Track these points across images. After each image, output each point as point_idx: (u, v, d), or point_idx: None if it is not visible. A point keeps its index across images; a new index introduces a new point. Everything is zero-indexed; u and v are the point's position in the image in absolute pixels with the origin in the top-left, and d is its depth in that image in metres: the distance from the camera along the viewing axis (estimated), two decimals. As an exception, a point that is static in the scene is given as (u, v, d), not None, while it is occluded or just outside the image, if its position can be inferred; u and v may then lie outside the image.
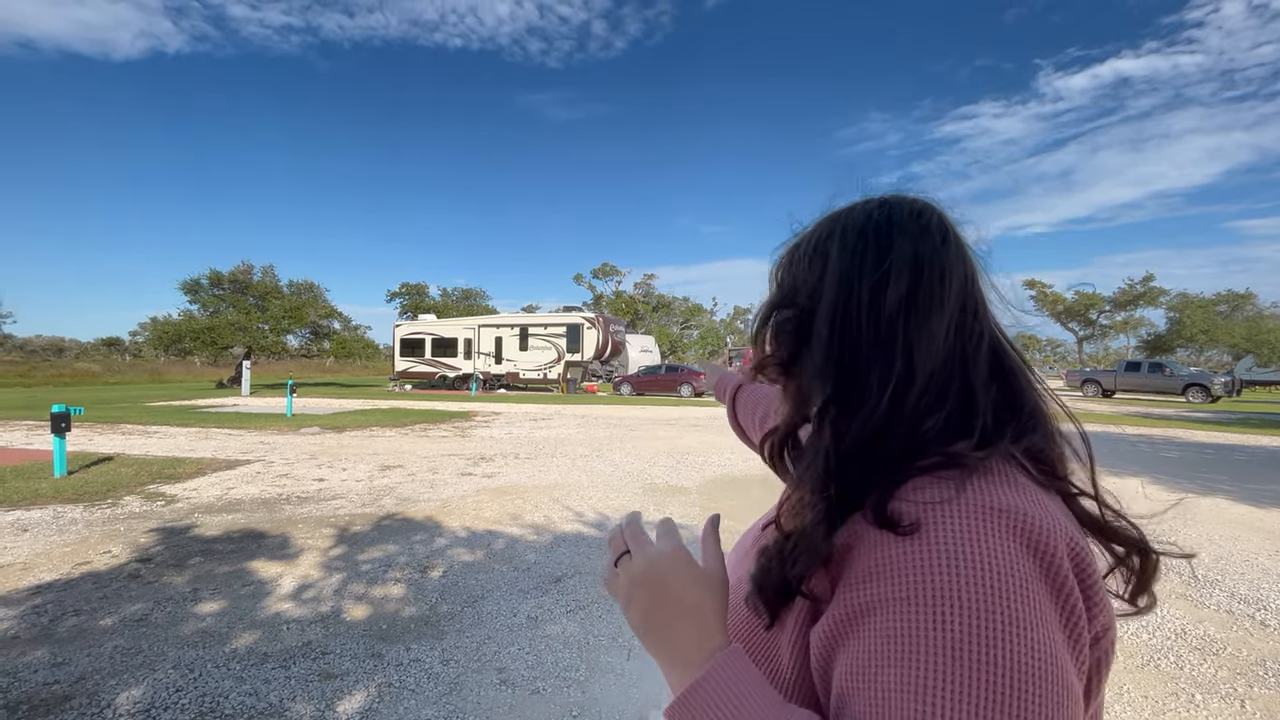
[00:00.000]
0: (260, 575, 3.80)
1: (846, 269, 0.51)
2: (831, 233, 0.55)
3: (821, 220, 0.58)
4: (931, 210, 0.54)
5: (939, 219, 0.54)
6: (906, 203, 0.55)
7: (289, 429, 11.41)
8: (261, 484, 6.51)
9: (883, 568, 0.41)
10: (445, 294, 48.69)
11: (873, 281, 0.50)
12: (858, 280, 0.51)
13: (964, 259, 0.53)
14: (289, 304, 29.57)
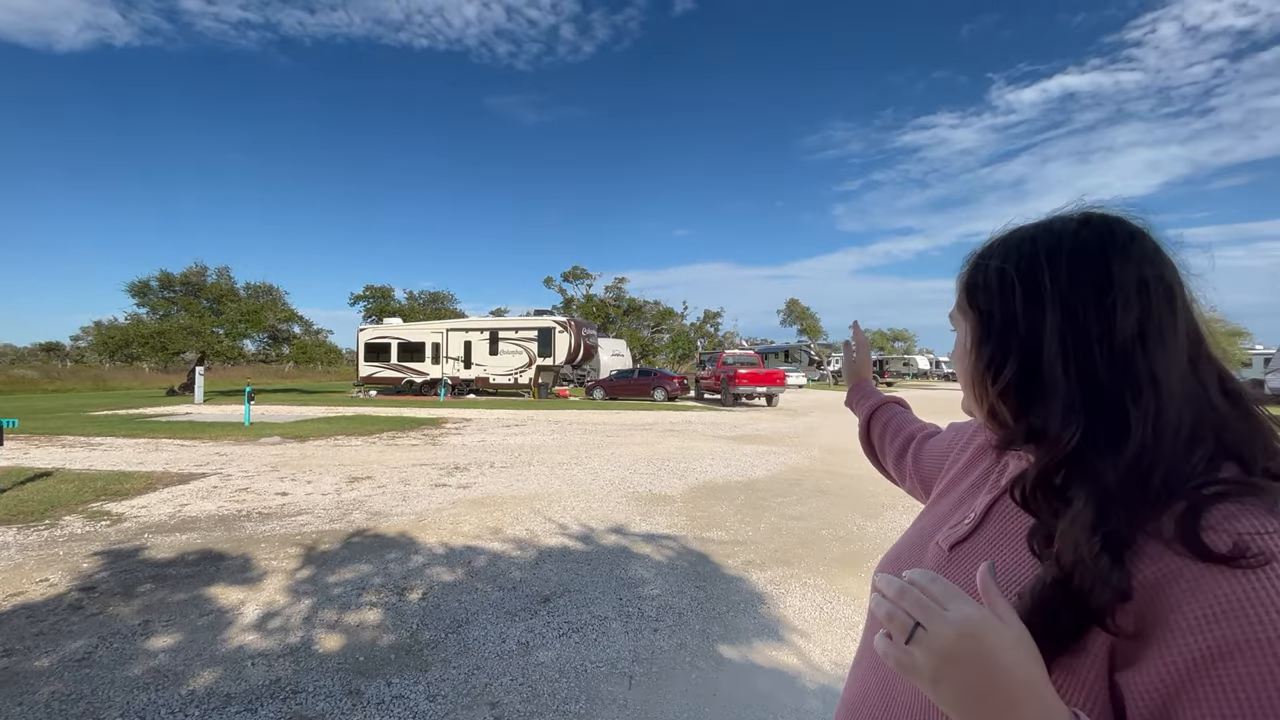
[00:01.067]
0: (220, 603, 3.49)
1: (1069, 301, 0.50)
2: (1035, 257, 0.53)
3: (1016, 240, 0.56)
4: (1143, 232, 0.52)
5: (1153, 241, 0.52)
6: (1113, 222, 0.53)
7: (247, 439, 10.83)
8: (219, 499, 6.10)
9: (1232, 607, 0.39)
10: (412, 297, 47.53)
11: (1099, 312, 0.49)
12: (1083, 313, 0.49)
13: (1180, 280, 0.51)
14: (246, 307, 28.33)
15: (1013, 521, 0.60)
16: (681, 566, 4.18)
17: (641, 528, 5.14)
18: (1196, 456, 0.46)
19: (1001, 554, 0.58)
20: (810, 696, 2.58)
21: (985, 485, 0.69)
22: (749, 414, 17.28)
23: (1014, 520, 0.59)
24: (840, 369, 1.34)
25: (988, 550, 0.60)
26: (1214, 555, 0.41)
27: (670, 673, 2.77)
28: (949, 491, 0.78)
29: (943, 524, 0.70)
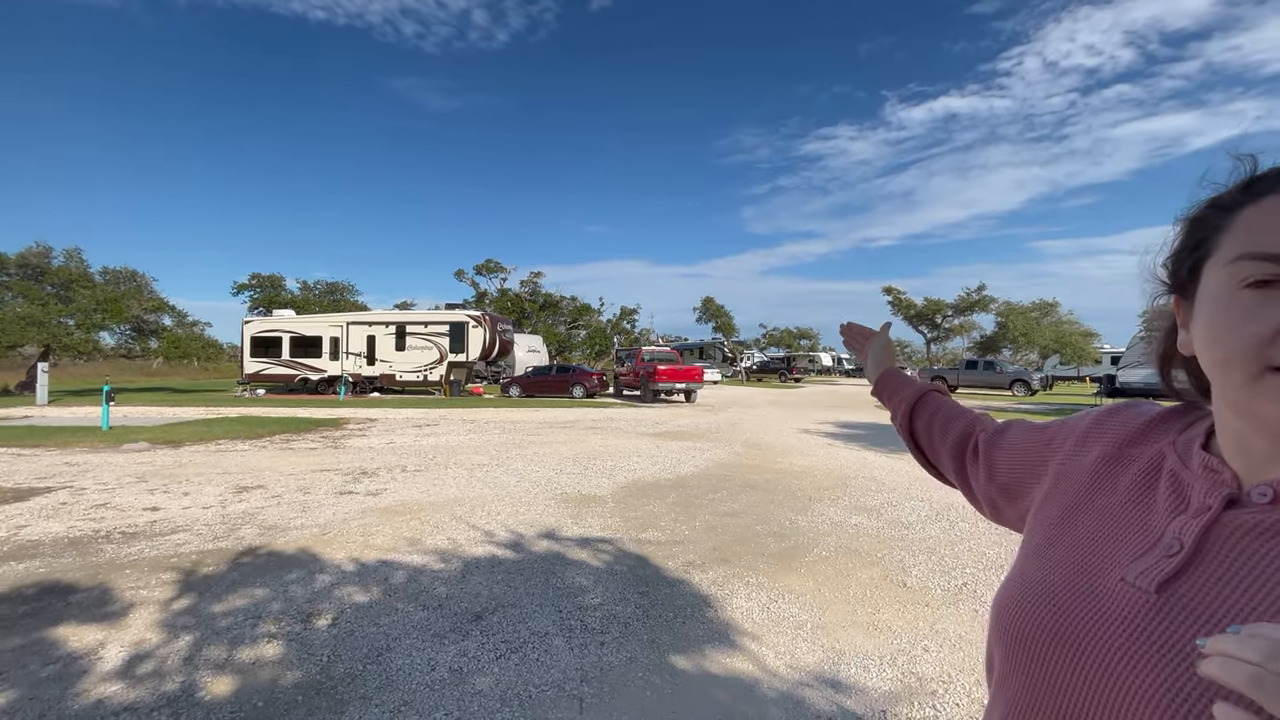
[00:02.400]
0: (70, 646, 2.88)
1: None
2: None
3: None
4: None
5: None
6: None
7: (106, 445, 9.39)
8: (69, 518, 5.16)
9: None
10: (306, 288, 43.90)
11: None
12: None
13: None
14: (102, 295, 24.76)
15: (1250, 550, 0.47)
16: (621, 571, 3.99)
17: (574, 531, 4.89)
18: None
19: (1247, 596, 0.45)
20: (771, 705, 2.48)
21: (1158, 504, 0.56)
22: (669, 410, 17.40)
23: (1252, 548, 0.47)
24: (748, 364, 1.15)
25: (1223, 592, 0.46)
26: None
27: (623, 691, 2.57)
28: (1083, 508, 0.62)
29: (1109, 551, 0.55)
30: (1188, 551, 0.50)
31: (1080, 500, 0.63)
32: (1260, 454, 0.50)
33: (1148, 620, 0.48)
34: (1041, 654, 0.53)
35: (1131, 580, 0.51)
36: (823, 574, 4.02)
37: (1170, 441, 0.60)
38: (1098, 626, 0.50)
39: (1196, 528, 0.50)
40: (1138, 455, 0.61)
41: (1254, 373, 0.46)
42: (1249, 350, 0.46)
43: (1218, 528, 0.50)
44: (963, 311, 46.52)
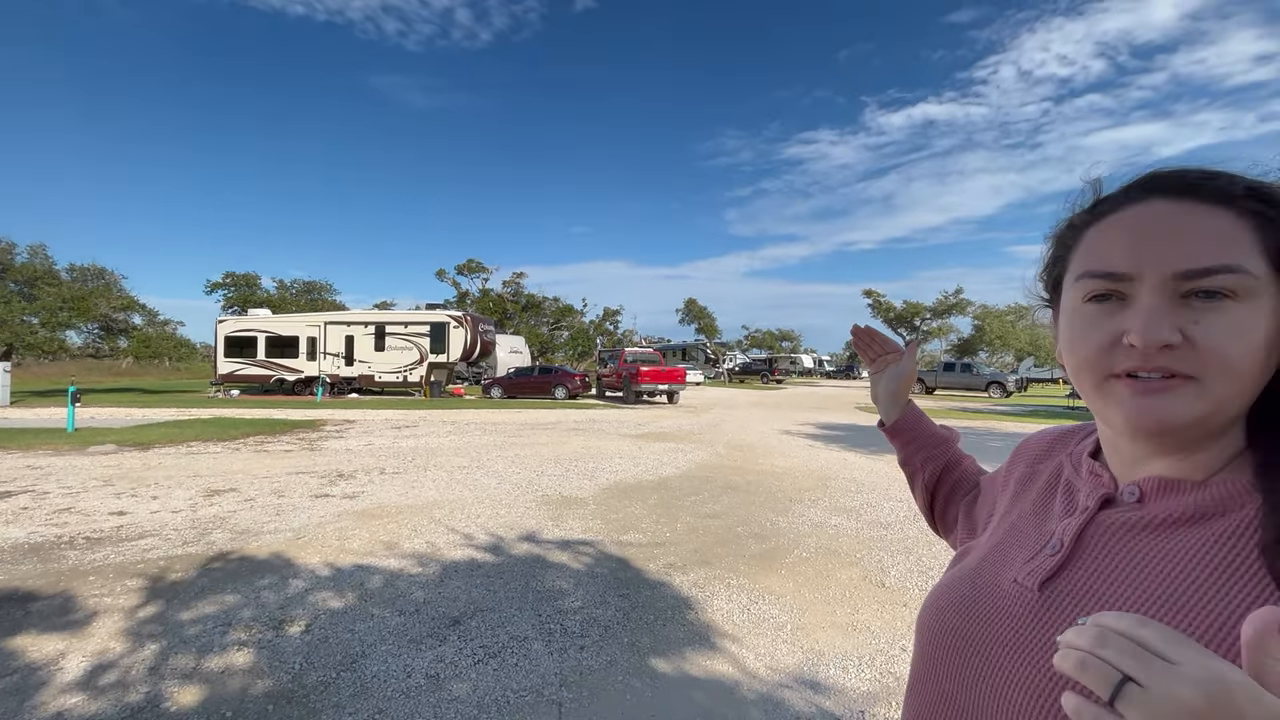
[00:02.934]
0: (29, 657, 2.77)
1: None
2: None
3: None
4: None
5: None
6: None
7: (71, 448, 9.10)
8: (29, 524, 4.98)
9: None
10: (283, 286, 43.18)
11: None
12: None
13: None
14: (69, 292, 24.05)
15: (1118, 547, 0.50)
16: (601, 574, 3.97)
17: (555, 534, 4.86)
18: None
19: (1113, 589, 0.48)
20: (751, 707, 2.48)
21: (1054, 511, 0.60)
22: (652, 411, 17.40)
23: (1119, 545, 0.50)
24: (731, 365, 1.04)
25: (1095, 585, 0.50)
26: None
27: (602, 695, 2.55)
28: (999, 522, 0.66)
29: (1008, 557, 0.59)
30: (1066, 550, 0.53)
31: (998, 516, 0.68)
32: (1129, 456, 0.53)
33: (1030, 616, 0.51)
34: (948, 657, 0.56)
35: (1020, 580, 0.55)
36: (803, 575, 4.04)
37: (1069, 453, 0.64)
38: (991, 626, 0.53)
39: (1074, 528, 0.54)
40: (1044, 469, 0.66)
41: (1098, 380, 0.49)
42: (1093, 359, 0.49)
43: (1093, 527, 0.53)
44: (941, 314, 47.42)
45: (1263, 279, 0.44)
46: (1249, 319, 0.44)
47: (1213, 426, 0.47)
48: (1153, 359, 0.45)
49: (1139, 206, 0.48)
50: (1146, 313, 0.45)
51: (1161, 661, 0.32)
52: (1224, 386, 0.45)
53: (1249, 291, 0.44)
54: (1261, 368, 0.45)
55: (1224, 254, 0.44)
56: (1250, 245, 0.45)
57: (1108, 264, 0.48)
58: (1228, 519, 0.45)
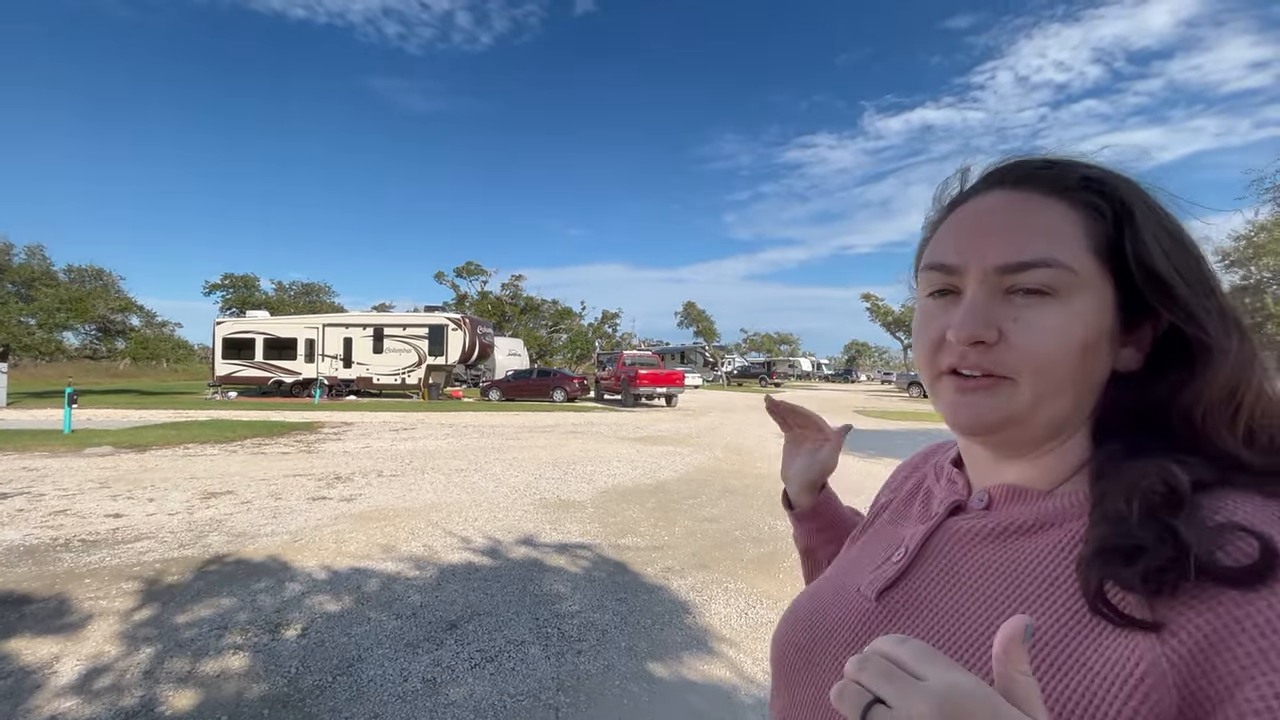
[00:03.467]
0: (23, 660, 2.76)
1: (1168, 223, 0.45)
2: (1153, 207, 0.45)
3: (1136, 188, 0.45)
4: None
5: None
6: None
7: (68, 449, 9.07)
8: (25, 526, 4.96)
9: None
10: (281, 288, 43.16)
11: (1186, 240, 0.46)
12: (1181, 238, 0.45)
13: None
14: (67, 293, 24.01)
15: (959, 553, 0.49)
16: (599, 578, 3.96)
17: (552, 537, 4.85)
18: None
19: (949, 598, 0.47)
20: (749, 711, 2.47)
21: (908, 517, 0.59)
22: (650, 415, 17.39)
23: (961, 551, 0.49)
24: (729, 369, 0.96)
25: (931, 594, 0.48)
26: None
27: (600, 699, 2.54)
28: (860, 536, 0.66)
29: (861, 566, 0.58)
30: (909, 557, 0.52)
31: (861, 531, 0.67)
32: (982, 461, 0.52)
33: (865, 627, 0.50)
34: (792, 672, 0.55)
35: (863, 590, 0.53)
36: (800, 579, 4.02)
37: (934, 463, 0.63)
38: (831, 639, 0.52)
39: (921, 534, 0.53)
40: (913, 480, 0.65)
41: (931, 377, 0.48)
42: (926, 355, 0.48)
43: (939, 534, 0.52)
44: (939, 318, 47.65)
45: (1084, 274, 0.42)
46: (1066, 316, 0.42)
47: (1037, 429, 0.45)
48: (968, 356, 0.44)
49: (981, 198, 0.47)
50: (963, 308, 0.44)
51: (909, 679, 0.31)
52: (1036, 387, 0.42)
53: (1068, 288, 0.42)
54: (1080, 368, 0.42)
55: (1044, 248, 0.42)
56: (1076, 239, 0.43)
57: (941, 256, 0.47)
58: (1064, 529, 0.43)
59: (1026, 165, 0.47)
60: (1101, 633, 0.37)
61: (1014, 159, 0.48)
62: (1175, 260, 0.43)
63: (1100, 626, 0.37)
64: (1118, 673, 0.35)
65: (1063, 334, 0.42)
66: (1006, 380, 0.43)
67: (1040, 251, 0.42)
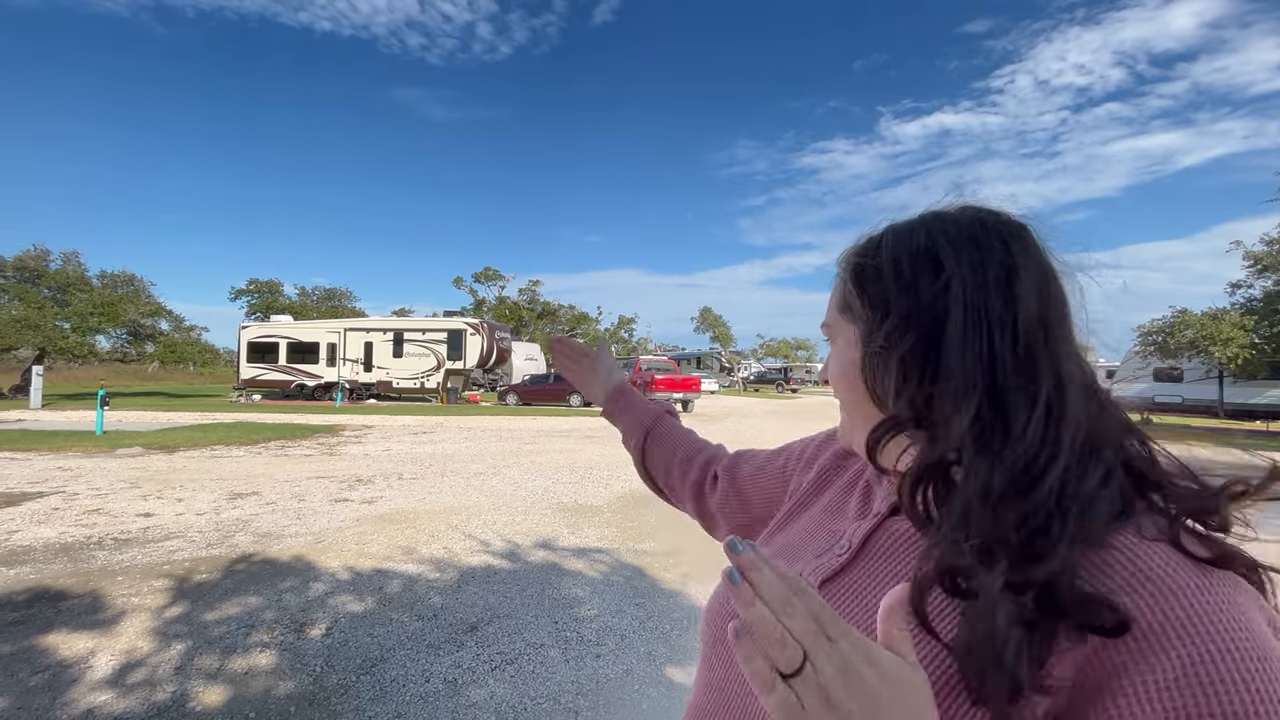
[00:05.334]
0: (60, 654, 2.85)
1: (973, 281, 0.46)
2: (933, 240, 0.49)
3: (904, 230, 0.52)
4: (1030, 227, 0.50)
5: (1039, 237, 0.50)
6: (1000, 213, 0.51)
7: (100, 450, 9.33)
8: (60, 524, 5.12)
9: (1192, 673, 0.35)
10: (304, 293, 43.90)
11: (1005, 296, 0.45)
12: (988, 295, 0.45)
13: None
14: (99, 298, 24.71)
15: (898, 554, 0.53)
16: (617, 582, 3.97)
17: (571, 541, 4.87)
18: (1095, 471, 0.41)
19: (884, 594, 0.48)
20: (768, 719, 2.46)
21: (849, 511, 0.62)
22: (665, 420, 17.37)
23: (899, 552, 0.53)
24: (745, 374, 1.07)
25: (872, 586, 0.52)
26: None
27: (619, 704, 2.55)
28: (796, 515, 0.68)
29: (801, 554, 0.60)
30: (852, 552, 0.55)
31: (795, 510, 0.69)
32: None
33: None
34: (724, 650, 0.56)
35: (806, 575, 0.56)
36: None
37: None
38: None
39: (864, 531, 0.56)
40: (848, 467, 0.68)
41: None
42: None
43: (879, 532, 0.55)
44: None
45: (835, 325, 0.57)
46: (836, 353, 0.57)
47: (874, 444, 0.50)
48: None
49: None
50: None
51: (850, 654, 0.32)
52: (847, 409, 0.57)
53: (832, 335, 0.58)
54: (854, 390, 0.54)
55: (829, 311, 0.58)
56: (835, 300, 0.57)
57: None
58: None
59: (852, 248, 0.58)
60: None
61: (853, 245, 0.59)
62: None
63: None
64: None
65: (835, 365, 0.59)
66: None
67: (827, 314, 0.61)
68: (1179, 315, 18.23)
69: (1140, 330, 19.71)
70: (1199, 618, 0.36)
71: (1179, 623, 0.36)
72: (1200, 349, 17.42)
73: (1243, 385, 18.35)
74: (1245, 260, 18.36)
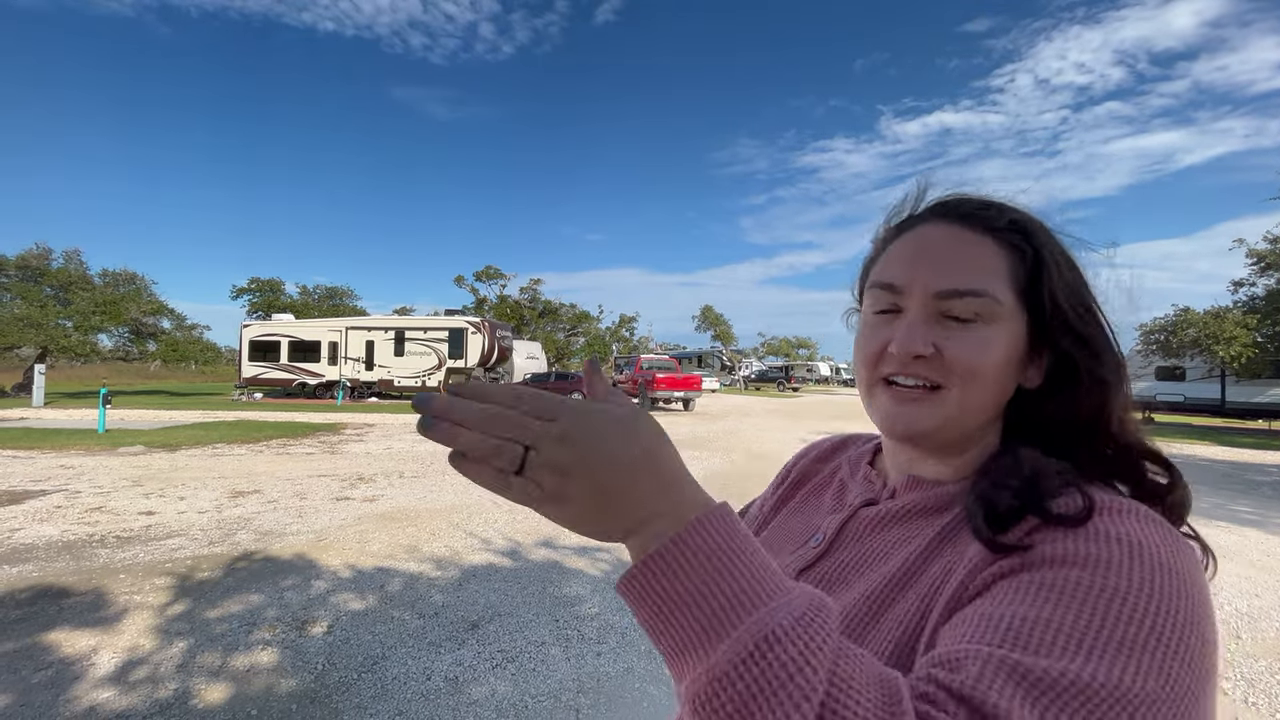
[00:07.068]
0: (63, 652, 2.86)
1: (1064, 259, 0.52)
2: (1058, 254, 0.52)
3: (1049, 235, 0.53)
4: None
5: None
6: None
7: (102, 448, 9.35)
8: (63, 522, 5.13)
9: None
10: (305, 292, 43.84)
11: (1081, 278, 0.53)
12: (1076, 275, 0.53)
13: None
14: (101, 297, 24.74)
15: (871, 536, 0.55)
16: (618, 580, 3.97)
17: (572, 540, 4.87)
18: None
19: (862, 580, 0.52)
20: (769, 717, 2.46)
21: (824, 507, 0.64)
22: (667, 418, 17.38)
23: (872, 535, 0.55)
24: (746, 373, 0.97)
25: (847, 569, 0.54)
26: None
27: (619, 701, 2.56)
28: (774, 518, 0.70)
29: (780, 551, 0.62)
30: (826, 542, 0.57)
31: (773, 512, 0.71)
32: (902, 462, 0.57)
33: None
34: None
35: (784, 569, 0.56)
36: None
37: (848, 456, 0.68)
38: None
39: (837, 522, 0.58)
40: (824, 469, 0.70)
41: (869, 384, 0.54)
42: (867, 364, 0.53)
43: (853, 522, 0.57)
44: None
45: (1006, 305, 0.49)
46: (990, 338, 0.49)
47: (957, 432, 0.51)
48: (908, 366, 0.50)
49: (924, 227, 0.53)
50: (906, 325, 0.50)
51: (543, 424, 0.35)
52: (965, 395, 0.49)
53: (993, 315, 0.49)
54: (998, 383, 0.50)
55: (977, 280, 0.49)
56: (1001, 273, 0.50)
57: (889, 276, 0.53)
58: (954, 510, 0.50)
59: (968, 204, 0.53)
60: (951, 572, 0.45)
61: (957, 195, 0.55)
62: (1074, 303, 0.50)
63: (963, 560, 0.44)
64: (948, 577, 0.44)
65: (987, 352, 0.49)
66: (939, 390, 0.50)
67: (974, 283, 0.49)
68: (1181, 314, 18.20)
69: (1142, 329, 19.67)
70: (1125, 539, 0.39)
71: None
72: (1203, 348, 17.38)
73: (1245, 384, 18.30)
74: (1248, 258, 18.31)
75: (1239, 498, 7.39)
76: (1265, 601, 3.87)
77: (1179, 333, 17.84)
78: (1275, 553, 4.99)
